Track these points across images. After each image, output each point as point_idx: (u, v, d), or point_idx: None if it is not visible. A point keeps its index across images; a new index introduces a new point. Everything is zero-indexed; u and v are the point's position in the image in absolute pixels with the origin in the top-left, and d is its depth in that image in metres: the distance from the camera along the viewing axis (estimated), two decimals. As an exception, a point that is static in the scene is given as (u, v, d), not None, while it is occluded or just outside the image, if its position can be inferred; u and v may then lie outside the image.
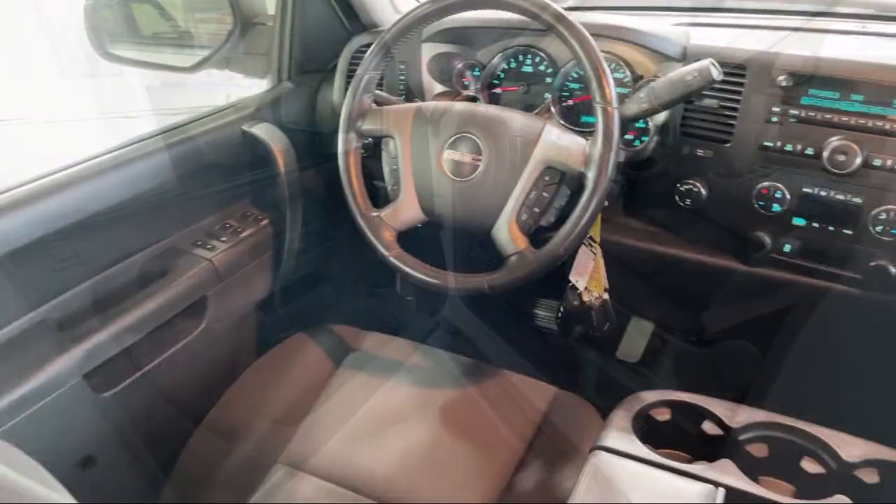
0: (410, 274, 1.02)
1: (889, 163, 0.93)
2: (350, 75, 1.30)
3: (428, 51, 1.25)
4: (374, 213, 1.06)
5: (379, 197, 1.10)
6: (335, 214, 1.15)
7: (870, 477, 0.74)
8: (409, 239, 1.07)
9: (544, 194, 0.97)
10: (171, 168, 1.11)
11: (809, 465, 0.77)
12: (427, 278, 1.01)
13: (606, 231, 1.14)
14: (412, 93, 1.25)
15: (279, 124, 1.27)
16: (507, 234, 0.97)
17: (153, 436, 1.09)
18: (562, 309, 1.16)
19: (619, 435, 0.80)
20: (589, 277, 1.12)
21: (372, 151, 1.20)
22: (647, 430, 0.83)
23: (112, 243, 1.04)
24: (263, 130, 1.23)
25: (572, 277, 1.10)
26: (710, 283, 1.16)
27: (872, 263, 0.97)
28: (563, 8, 0.94)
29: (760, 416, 0.81)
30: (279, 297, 1.33)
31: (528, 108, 1.19)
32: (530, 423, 1.02)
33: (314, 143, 1.37)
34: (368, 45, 1.08)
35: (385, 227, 1.05)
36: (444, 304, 1.57)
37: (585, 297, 1.13)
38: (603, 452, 0.77)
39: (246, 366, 1.19)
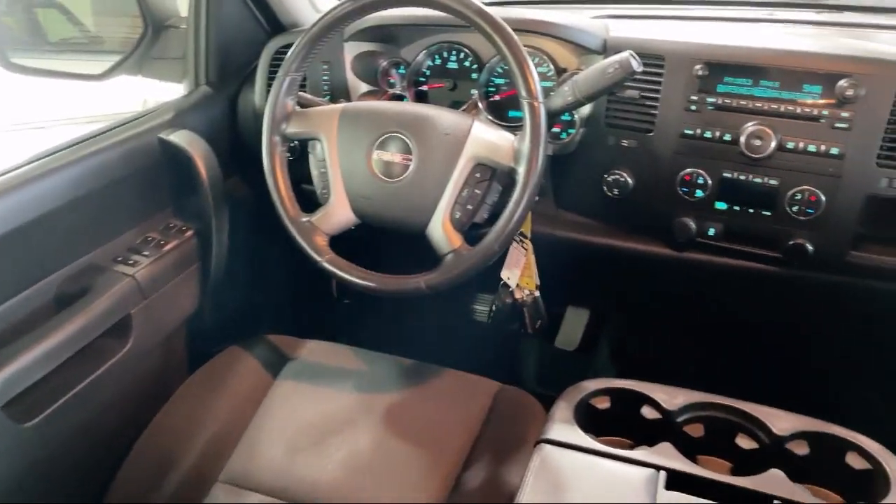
0: (345, 278, 1.00)
1: (801, 145, 0.97)
2: (271, 77, 1.27)
3: (351, 50, 1.22)
4: (305, 218, 1.03)
5: (309, 201, 1.07)
6: (264, 221, 1.12)
7: (800, 448, 0.77)
8: (343, 242, 1.05)
9: (476, 191, 0.97)
10: (85, 181, 1.05)
11: (744, 442, 0.80)
12: (362, 282, 0.99)
13: (538, 224, 1.14)
14: (337, 93, 1.23)
15: (199, 131, 1.23)
16: (442, 232, 0.97)
17: (82, 465, 1.04)
18: (494, 307, 1.16)
19: (562, 426, 0.80)
20: (521, 274, 1.13)
21: (299, 154, 1.17)
22: (589, 419, 0.84)
23: (25, 265, 0.98)
24: (182, 138, 1.18)
25: (504, 274, 1.10)
26: (640, 270, 1.19)
27: (791, 242, 1.01)
28: (484, 3, 0.94)
29: (696, 397, 0.84)
30: (209, 310, 1.28)
31: (455, 104, 1.20)
32: (475, 421, 1.02)
33: (238, 149, 1.33)
34: (289, 46, 1.05)
35: (316, 231, 1.02)
36: (382, 307, 1.56)
37: (518, 295, 1.13)
38: (547, 445, 0.78)
39: (178, 385, 1.14)
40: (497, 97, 1.17)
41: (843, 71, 0.95)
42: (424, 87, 1.22)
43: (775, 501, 0.70)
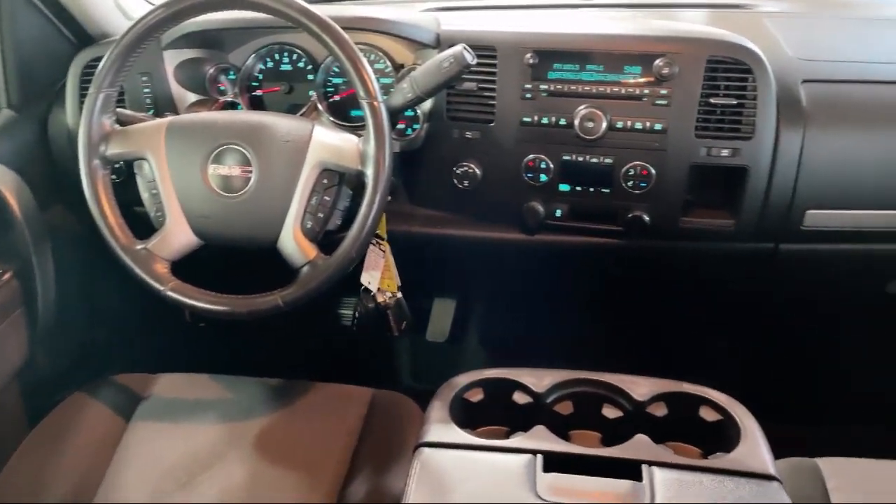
0: (193, 306, 0.93)
1: (629, 124, 1.03)
2: (83, 95, 1.15)
3: (172, 58, 1.14)
4: (140, 246, 0.95)
5: (144, 224, 0.99)
6: (95, 251, 1.01)
7: (659, 410, 0.82)
8: (188, 266, 0.98)
9: (326, 198, 0.94)
10: None
11: (609, 412, 0.84)
12: (213, 306, 0.93)
13: (394, 223, 1.13)
14: (161, 106, 1.14)
15: (5, 160, 1.09)
16: (294, 244, 0.93)
17: None
18: (357, 313, 1.14)
19: (438, 427, 0.80)
20: (381, 276, 1.11)
21: (126, 175, 1.08)
22: (465, 413, 0.85)
23: None
24: (-16, 171, 1.05)
25: (364, 279, 1.08)
26: (497, 256, 1.21)
27: (630, 215, 1.07)
28: (310, 1, 0.90)
29: (562, 375, 0.86)
30: (44, 357, 1.15)
31: (293, 108, 1.15)
32: (351, 432, 0.99)
33: (55, 176, 1.20)
34: (99, 59, 0.95)
35: (154, 259, 0.94)
36: (242, 326, 1.48)
37: (380, 298, 1.12)
38: (426, 448, 0.77)
39: (18, 443, 1.02)
40: (337, 97, 1.14)
41: (657, 51, 1.01)
42: (259, 93, 1.17)
43: (643, 465, 0.74)
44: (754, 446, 0.76)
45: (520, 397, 0.85)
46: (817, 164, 1.02)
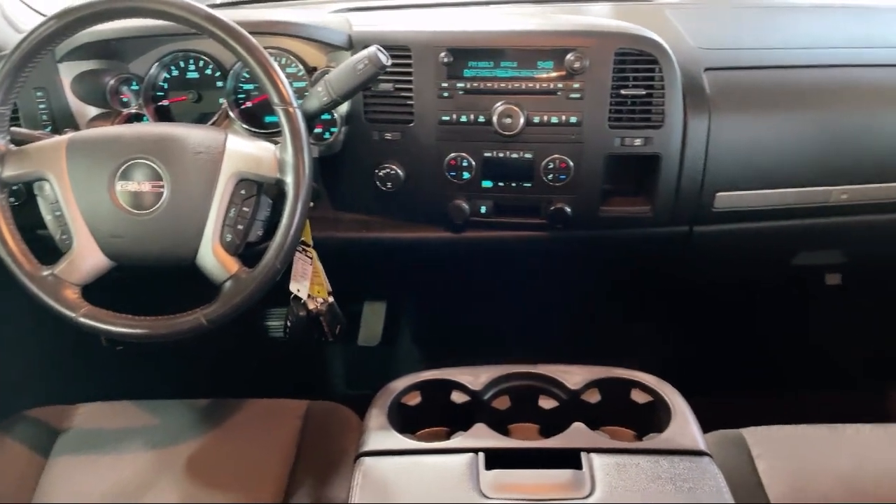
0: (109, 331, 0.88)
1: (546, 118, 1.05)
2: (-29, 113, 1.07)
3: (68, 71, 1.08)
4: (46, 272, 0.89)
5: (50, 249, 0.93)
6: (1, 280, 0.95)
7: (593, 397, 0.84)
8: (101, 288, 0.92)
9: (245, 209, 0.90)
10: None
11: (546, 403, 0.85)
12: (131, 330, 0.88)
13: (318, 230, 1.11)
14: (60, 122, 1.07)
15: None
16: (215, 259, 0.89)
17: None
18: (289, 322, 1.11)
19: (378, 434, 0.79)
20: (310, 283, 1.09)
21: (26, 197, 1.01)
22: (404, 418, 0.84)
23: None
24: None
25: (293, 287, 1.05)
26: (425, 256, 1.21)
27: (552, 207, 1.09)
28: (210, 6, 0.87)
29: (497, 371, 0.87)
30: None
31: (203, 117, 1.11)
32: (288, 448, 0.97)
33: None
34: (-13, 76, 0.89)
35: (63, 284, 0.89)
36: (165, 346, 1.42)
37: (311, 305, 1.10)
38: (367, 458, 0.76)
39: None
40: (249, 104, 1.11)
41: (568, 45, 1.03)
42: (165, 103, 1.12)
43: (581, 452, 0.75)
44: (684, 424, 0.79)
45: (458, 397, 0.85)
46: (723, 148, 1.06)
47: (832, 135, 1.08)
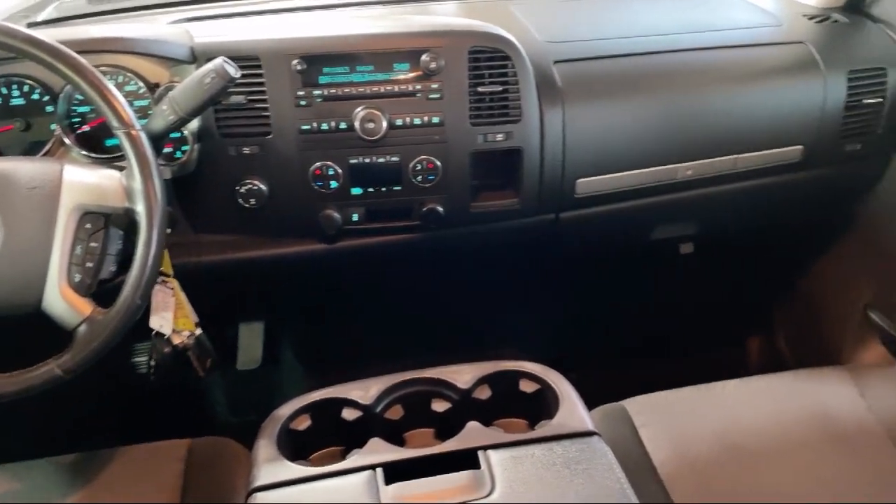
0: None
1: (409, 120, 1.04)
2: None
3: None
4: None
5: None
6: None
7: (484, 393, 0.85)
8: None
9: (93, 245, 0.83)
10: None
11: (439, 405, 0.85)
12: (-26, 393, 0.78)
13: (179, 257, 1.04)
14: None
15: None
16: (64, 303, 0.81)
17: None
18: (153, 362, 1.04)
19: (268, 466, 0.75)
20: (174, 317, 1.02)
21: None
22: (295, 444, 0.81)
23: None
24: None
25: (154, 323, 0.98)
26: (300, 271, 1.17)
27: (424, 208, 1.09)
28: (31, 24, 0.79)
29: (386, 381, 0.86)
30: None
31: (35, 147, 1.01)
32: (171, 495, 0.90)
33: None
34: None
35: None
36: (20, 402, 1.28)
37: (176, 340, 1.02)
38: (260, 493, 0.72)
39: None
40: (86, 127, 1.02)
41: (422, 46, 1.03)
42: (-14, 134, 1.00)
43: (478, 451, 0.76)
44: (572, 408, 0.81)
45: (349, 414, 0.83)
46: (579, 136, 1.11)
47: (673, 116, 1.16)
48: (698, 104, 1.17)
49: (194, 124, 1.00)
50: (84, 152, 1.00)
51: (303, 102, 1.02)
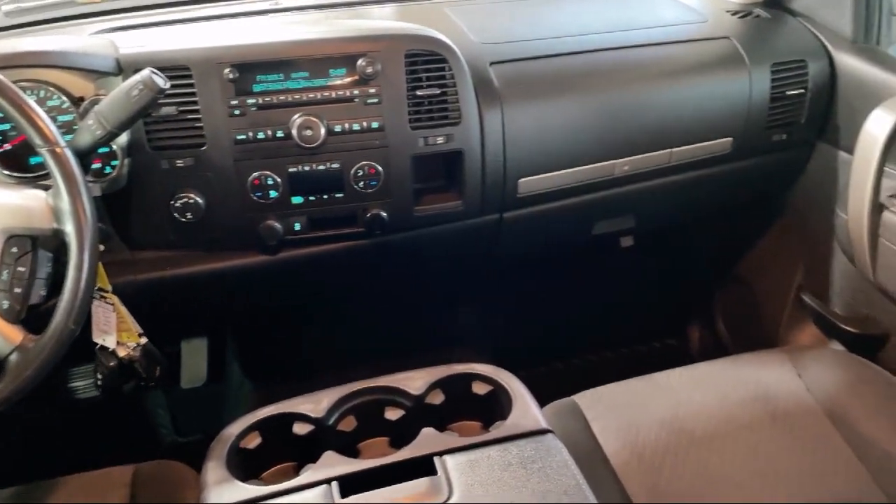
0: None
1: (347, 126, 1.03)
2: None
3: None
4: None
5: None
6: None
7: (437, 398, 0.84)
8: None
9: (20, 269, 0.79)
10: None
11: (392, 414, 0.84)
12: None
13: (115, 275, 1.00)
14: None
15: None
16: (-9, 332, 0.77)
17: None
18: (100, 376, 1.00)
19: (219, 488, 0.73)
20: (117, 331, 0.98)
21: None
22: (246, 463, 0.79)
23: None
24: None
25: (97, 339, 0.94)
26: (243, 284, 1.14)
27: (368, 214, 1.08)
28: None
29: (337, 392, 0.84)
30: None
31: (-50, 168, 0.95)
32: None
33: None
34: None
35: None
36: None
37: (122, 353, 0.99)
38: (211, 517, 0.70)
39: None
40: (7, 146, 0.97)
41: (358, 51, 1.02)
42: None
43: (434, 457, 0.75)
44: (525, 407, 0.82)
45: (300, 428, 0.81)
46: (518, 136, 1.12)
47: (608, 113, 1.18)
48: (632, 101, 1.19)
49: (123, 138, 0.97)
50: (6, 172, 0.95)
51: (237, 112, 1.00)
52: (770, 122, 1.29)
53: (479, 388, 0.86)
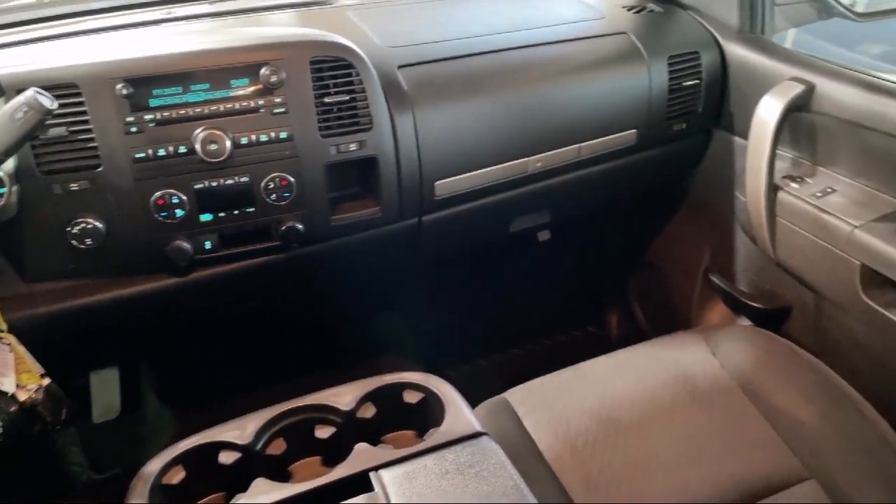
0: None
1: (254, 138, 0.99)
2: None
3: None
4: None
5: None
6: None
7: (368, 412, 0.83)
8: None
9: None
10: None
11: (322, 432, 0.82)
12: None
13: (11, 311, 0.92)
14: None
15: None
16: None
17: None
18: (0, 423, 0.92)
19: (143, 531, 0.69)
20: (16, 372, 0.91)
21: None
22: (170, 500, 0.75)
23: None
24: None
25: None
26: (153, 309, 1.08)
27: (283, 227, 1.05)
28: None
29: (263, 416, 0.81)
30: None
31: None
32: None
33: None
34: None
35: None
36: None
37: (23, 397, 0.91)
38: (136, 563, 0.66)
39: None
40: None
41: (260, 60, 0.99)
42: None
43: (370, 473, 0.74)
44: (458, 412, 0.81)
45: (227, 457, 0.77)
46: (432, 139, 1.12)
47: (517, 112, 1.20)
48: (540, 98, 1.21)
49: (9, 164, 0.90)
50: None
51: (133, 129, 0.94)
52: (670, 112, 1.34)
53: (411, 397, 0.85)
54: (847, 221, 1.11)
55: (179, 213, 0.99)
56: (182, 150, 0.97)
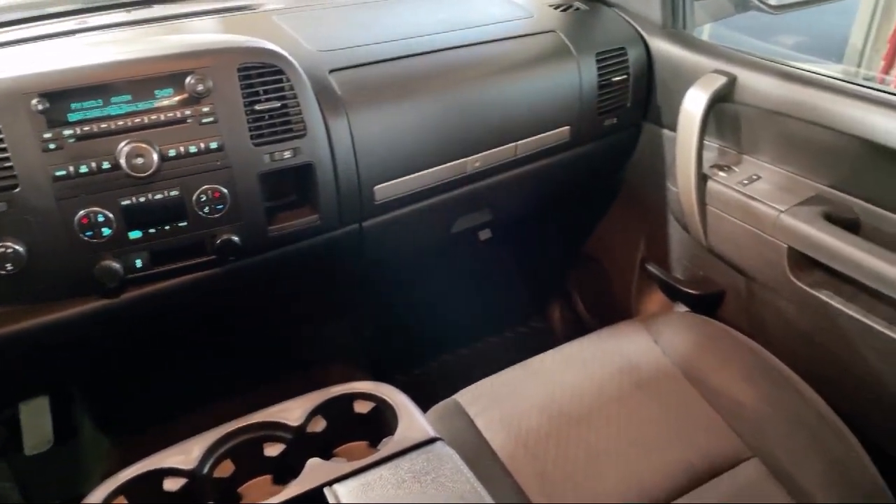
0: None
1: (183, 150, 0.96)
2: None
3: None
4: None
5: None
6: None
7: (319, 425, 0.81)
8: None
9: None
10: None
11: (272, 449, 0.79)
12: None
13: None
14: None
15: None
16: None
17: None
18: None
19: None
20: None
21: None
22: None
23: None
24: None
25: None
26: (83, 335, 1.03)
27: (218, 241, 1.01)
28: None
29: (209, 437, 0.78)
30: None
31: None
32: None
33: None
34: None
35: None
36: None
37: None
38: None
39: None
40: None
41: (185, 68, 0.95)
42: None
43: (324, 488, 0.72)
44: (410, 418, 0.80)
45: (172, 484, 0.74)
46: (368, 143, 1.10)
47: (452, 113, 1.20)
48: (473, 98, 1.21)
49: (-85, 189, 0.84)
50: None
51: (52, 146, 0.89)
52: (601, 108, 1.37)
53: (362, 407, 0.83)
54: (773, 207, 1.15)
55: (106, 231, 0.94)
56: (105, 165, 0.92)
